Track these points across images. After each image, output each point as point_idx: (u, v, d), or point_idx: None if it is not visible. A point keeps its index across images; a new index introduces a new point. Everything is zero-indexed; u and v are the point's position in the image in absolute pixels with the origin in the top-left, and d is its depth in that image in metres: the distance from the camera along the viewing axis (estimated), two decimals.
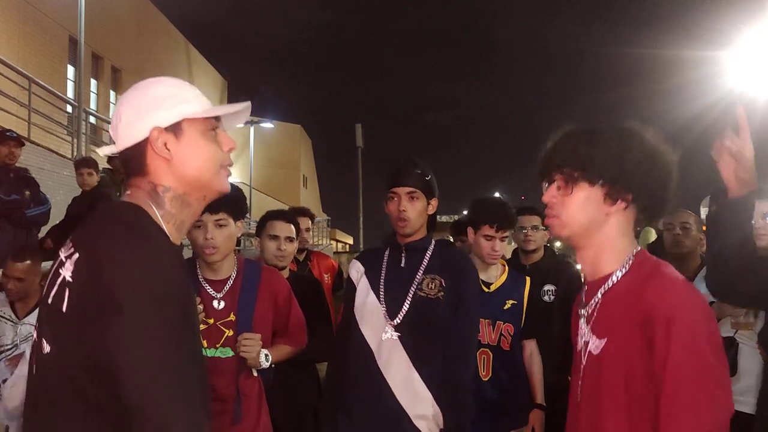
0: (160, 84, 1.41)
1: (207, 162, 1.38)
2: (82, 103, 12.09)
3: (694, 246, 3.49)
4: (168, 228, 1.36)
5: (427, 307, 2.44)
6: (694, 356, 1.27)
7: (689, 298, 1.33)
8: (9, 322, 3.67)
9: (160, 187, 1.36)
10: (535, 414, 3.11)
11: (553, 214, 1.51)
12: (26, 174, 5.50)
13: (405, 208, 2.48)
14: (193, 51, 25.84)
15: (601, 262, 1.48)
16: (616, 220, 1.46)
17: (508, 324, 3.11)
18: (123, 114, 1.36)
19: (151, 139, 1.33)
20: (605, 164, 1.43)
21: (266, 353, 2.41)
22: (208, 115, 1.39)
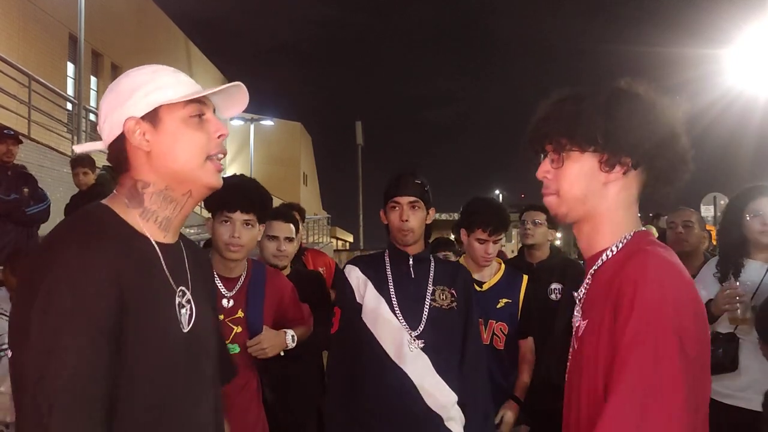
0: (136, 73, 1.32)
1: (189, 152, 1.29)
2: (82, 100, 12.13)
3: (697, 243, 3.51)
4: (149, 227, 1.29)
5: (443, 317, 2.49)
6: (649, 343, 1.12)
7: (666, 277, 1.19)
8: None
9: (140, 182, 1.29)
10: (510, 404, 3.01)
11: (548, 191, 1.39)
12: (24, 171, 5.49)
13: (408, 218, 2.48)
14: (193, 48, 25.81)
15: (596, 236, 1.35)
16: (616, 190, 1.32)
17: (501, 323, 3.10)
18: (102, 110, 1.31)
19: (126, 131, 1.27)
20: (593, 127, 1.28)
21: (292, 334, 2.49)
22: (185, 99, 1.29)
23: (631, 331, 1.14)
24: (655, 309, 1.14)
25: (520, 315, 3.15)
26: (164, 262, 1.28)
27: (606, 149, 1.29)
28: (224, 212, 2.35)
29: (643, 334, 1.13)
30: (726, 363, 2.74)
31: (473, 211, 3.15)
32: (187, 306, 1.31)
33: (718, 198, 12.69)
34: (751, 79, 17.63)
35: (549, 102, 1.40)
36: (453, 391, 2.45)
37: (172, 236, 1.34)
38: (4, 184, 5.21)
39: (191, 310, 1.32)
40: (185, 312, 1.30)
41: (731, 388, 2.77)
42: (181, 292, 1.30)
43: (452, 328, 2.50)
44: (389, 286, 2.52)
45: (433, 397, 2.41)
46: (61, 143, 11.56)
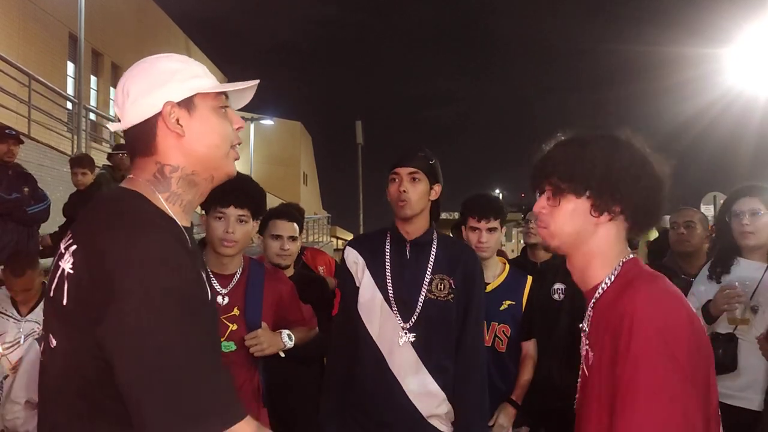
0: (168, 59, 1.36)
1: (218, 139, 1.35)
2: (82, 99, 12.11)
3: (700, 244, 3.50)
4: (174, 210, 1.32)
5: (438, 309, 2.40)
6: (651, 369, 1.23)
7: (659, 306, 1.29)
8: (11, 320, 3.68)
9: (168, 167, 1.31)
10: (505, 406, 2.92)
11: (542, 225, 1.50)
12: (23, 170, 5.49)
13: (406, 189, 2.38)
14: (193, 47, 25.80)
15: (589, 271, 1.47)
16: (606, 231, 1.44)
17: (504, 325, 3.05)
18: (131, 89, 1.31)
19: (164, 114, 1.29)
20: (591, 175, 1.40)
21: (288, 333, 2.45)
22: (219, 90, 1.36)
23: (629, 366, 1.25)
24: (653, 343, 1.24)
25: (523, 316, 3.10)
26: (190, 244, 1.33)
27: (599, 197, 1.41)
28: (218, 208, 2.35)
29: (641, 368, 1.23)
30: (725, 363, 2.74)
31: (464, 204, 3.17)
32: None
33: (718, 197, 12.67)
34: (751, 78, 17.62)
35: (553, 143, 1.52)
36: (441, 389, 2.39)
37: (189, 220, 1.38)
38: (5, 184, 5.22)
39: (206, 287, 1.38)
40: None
41: (731, 388, 2.77)
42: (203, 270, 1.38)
43: (446, 322, 2.41)
44: (386, 273, 2.44)
45: (418, 394, 2.36)
46: (61, 142, 11.56)
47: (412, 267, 2.44)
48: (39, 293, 3.77)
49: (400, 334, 2.37)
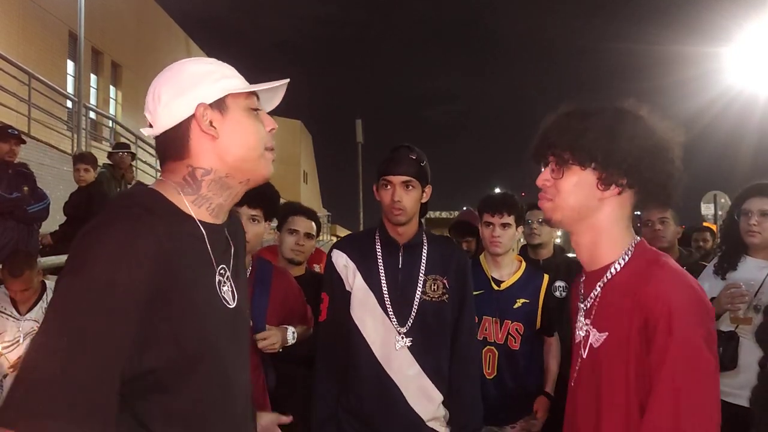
0: (197, 62, 1.35)
1: (252, 141, 1.32)
2: (82, 98, 12.10)
3: (673, 239, 3.59)
4: (200, 212, 1.30)
5: (433, 311, 2.39)
6: (694, 353, 1.23)
7: (691, 294, 1.28)
8: (10, 319, 3.69)
9: (200, 170, 1.29)
10: (540, 400, 3.08)
11: (545, 197, 1.45)
12: (24, 169, 5.51)
13: (400, 198, 2.35)
14: (193, 46, 25.78)
15: (598, 250, 1.42)
16: (611, 207, 1.40)
17: (518, 323, 3.05)
18: (162, 93, 1.29)
19: (197, 117, 1.27)
20: (596, 146, 1.35)
21: (293, 331, 2.46)
22: (251, 90, 1.33)
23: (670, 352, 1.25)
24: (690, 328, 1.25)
25: (541, 314, 3.11)
26: (208, 241, 1.30)
27: (605, 168, 1.36)
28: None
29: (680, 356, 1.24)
30: (725, 361, 2.75)
31: (480, 201, 3.19)
32: (227, 284, 1.34)
33: (719, 196, 12.69)
34: (751, 77, 17.63)
35: (556, 114, 1.46)
36: (439, 391, 2.39)
37: (220, 219, 1.36)
38: (5, 182, 5.24)
39: (232, 287, 1.35)
40: (227, 289, 1.33)
41: (730, 386, 2.78)
42: (222, 270, 1.33)
43: (442, 323, 2.40)
44: (380, 278, 2.40)
45: (417, 398, 2.35)
46: (61, 141, 11.56)
47: (406, 269, 2.41)
48: (38, 292, 3.78)
49: (396, 338, 2.34)
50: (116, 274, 1.10)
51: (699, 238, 6.08)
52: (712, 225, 9.68)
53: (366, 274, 2.41)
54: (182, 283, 1.20)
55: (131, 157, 7.43)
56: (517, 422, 3.08)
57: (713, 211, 12.59)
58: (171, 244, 1.19)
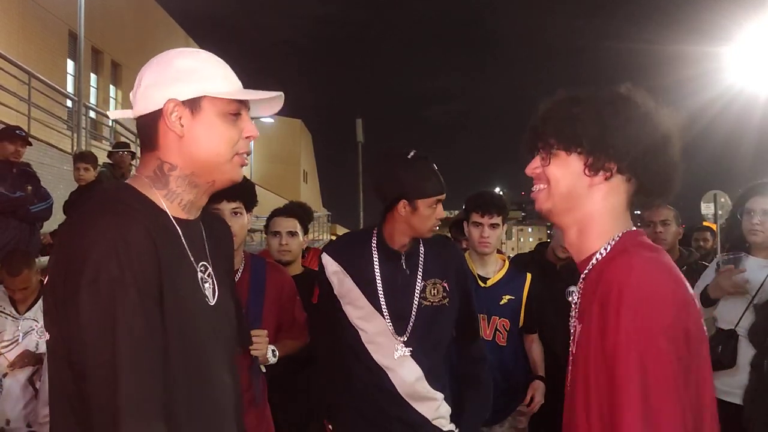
0: (189, 56, 1.35)
1: (220, 146, 1.31)
2: (82, 97, 12.10)
3: (674, 240, 3.61)
4: (172, 207, 1.31)
5: (434, 316, 2.35)
6: (643, 342, 1.13)
7: (649, 277, 1.19)
8: (9, 318, 3.69)
9: (167, 164, 1.30)
10: (536, 384, 3.15)
11: (538, 183, 1.40)
12: (27, 169, 5.52)
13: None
14: (193, 45, 25.79)
15: (584, 240, 1.36)
16: (601, 195, 1.33)
17: (504, 319, 3.11)
18: (144, 79, 1.31)
19: (164, 111, 1.28)
20: (582, 132, 1.30)
21: (273, 349, 2.40)
22: (231, 98, 1.32)
23: (619, 339, 1.15)
24: (640, 314, 1.15)
25: (524, 312, 3.17)
26: (184, 237, 1.30)
27: (591, 153, 1.31)
28: (211, 205, 2.35)
29: (631, 342, 1.14)
30: (724, 360, 2.75)
31: (468, 200, 3.21)
32: (209, 280, 1.34)
33: (719, 195, 12.66)
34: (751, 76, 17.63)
35: (548, 101, 1.41)
36: (441, 392, 2.37)
37: (194, 214, 1.37)
38: (9, 182, 5.25)
39: (213, 284, 1.35)
40: (208, 286, 1.33)
41: (730, 385, 2.78)
42: (202, 267, 1.33)
43: (442, 326, 2.37)
44: (378, 287, 2.33)
45: (422, 401, 2.34)
46: (61, 140, 11.56)
47: (404, 277, 2.35)
48: (37, 291, 3.78)
49: (396, 347, 2.30)
50: (126, 273, 1.12)
51: (699, 237, 6.08)
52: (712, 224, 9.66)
53: (361, 282, 2.34)
54: (169, 278, 1.21)
55: (131, 156, 7.42)
56: (504, 420, 3.12)
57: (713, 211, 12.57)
58: (156, 238, 1.21)
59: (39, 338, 3.66)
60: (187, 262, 1.29)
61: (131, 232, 1.16)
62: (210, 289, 1.33)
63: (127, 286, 1.12)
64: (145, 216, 1.23)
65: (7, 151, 5.28)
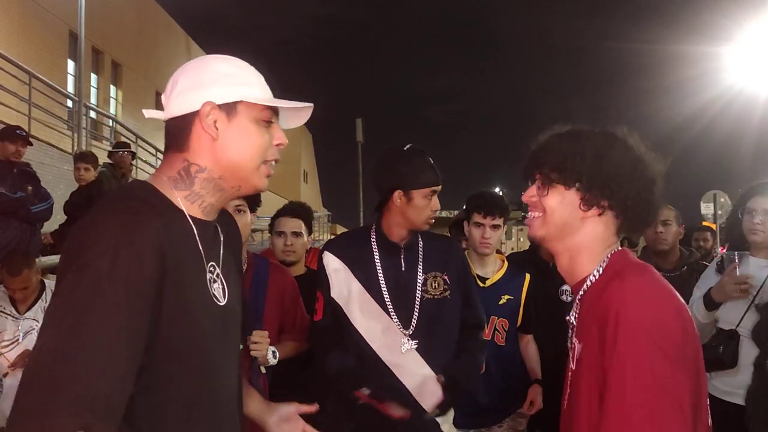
0: (225, 61, 1.36)
1: (252, 151, 1.32)
2: (83, 97, 12.11)
3: (675, 240, 3.59)
4: (191, 208, 1.31)
5: (436, 308, 2.37)
6: (639, 364, 1.21)
7: (646, 300, 1.27)
8: (9, 318, 3.70)
9: (195, 166, 1.31)
10: (534, 388, 3.15)
11: (533, 211, 1.49)
12: (27, 169, 5.53)
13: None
14: (194, 45, 25.78)
15: (576, 265, 1.46)
16: (593, 227, 1.43)
17: (503, 319, 3.12)
18: (180, 81, 1.32)
19: (201, 113, 1.29)
20: (581, 168, 1.40)
21: (273, 350, 2.41)
22: (267, 104, 1.33)
23: (617, 359, 1.23)
24: (637, 334, 1.23)
25: (522, 312, 3.18)
26: (198, 237, 1.31)
27: (588, 190, 1.40)
28: None
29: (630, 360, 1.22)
30: (726, 360, 2.75)
31: (469, 200, 3.21)
32: (218, 281, 1.35)
33: (719, 195, 12.68)
34: (751, 76, 17.64)
35: (548, 134, 1.51)
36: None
37: (212, 216, 1.38)
38: (9, 182, 5.26)
39: (223, 285, 1.36)
40: (217, 286, 1.34)
41: (731, 385, 2.78)
42: (211, 267, 1.33)
43: (447, 319, 2.39)
44: (379, 282, 2.35)
45: (429, 398, 2.32)
46: (61, 140, 11.57)
47: (405, 270, 2.38)
48: (37, 291, 3.79)
49: (402, 341, 2.31)
50: (118, 269, 1.11)
51: (699, 237, 6.08)
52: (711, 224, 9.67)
53: (364, 278, 2.35)
54: (175, 279, 1.20)
55: (131, 156, 7.43)
56: (503, 421, 3.12)
57: (713, 211, 12.58)
58: (167, 238, 1.20)
59: None
60: (199, 262, 1.30)
61: (137, 231, 1.16)
62: (219, 289, 1.34)
63: (115, 282, 1.10)
64: (159, 215, 1.23)
65: (8, 151, 5.29)
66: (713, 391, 2.88)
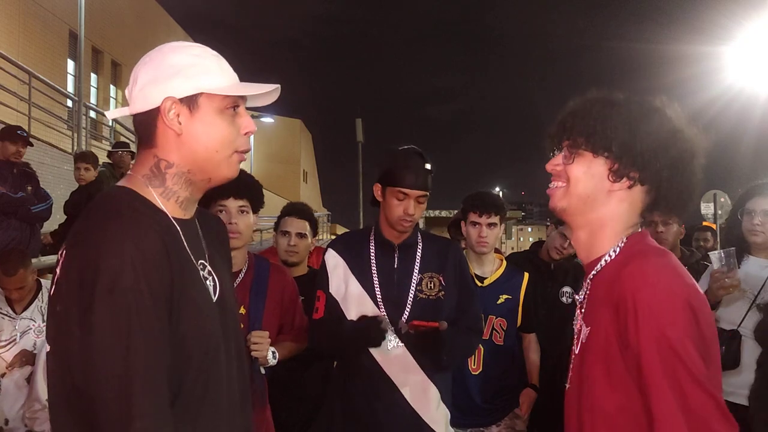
0: (183, 51, 1.31)
1: (219, 143, 1.30)
2: (82, 97, 12.09)
3: (676, 240, 3.58)
4: (169, 205, 1.30)
5: (430, 308, 2.38)
6: (663, 349, 1.16)
7: (660, 285, 1.20)
8: (6, 318, 3.70)
9: (164, 162, 1.29)
10: (527, 392, 3.15)
11: (556, 180, 1.40)
12: (27, 169, 5.52)
13: (414, 212, 2.34)
14: None
15: (595, 243, 1.37)
16: (619, 201, 1.34)
17: (501, 319, 3.12)
18: (139, 77, 1.30)
19: (162, 110, 1.27)
20: (612, 135, 1.30)
21: (273, 351, 2.40)
22: (228, 93, 1.30)
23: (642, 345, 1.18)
24: (658, 319, 1.18)
25: (522, 312, 3.18)
26: (183, 237, 1.30)
27: (618, 159, 1.31)
28: (218, 201, 2.35)
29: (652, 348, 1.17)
30: (728, 360, 2.75)
31: (465, 200, 3.22)
32: (209, 278, 1.35)
33: (719, 195, 12.66)
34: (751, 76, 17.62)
35: (581, 99, 1.41)
36: (437, 388, 2.39)
37: (189, 213, 1.37)
38: (10, 182, 5.26)
39: (214, 281, 1.36)
40: (210, 283, 1.34)
41: (733, 385, 2.78)
42: (201, 264, 1.33)
43: (439, 319, 2.36)
44: (373, 278, 2.39)
45: (416, 396, 2.35)
46: (61, 140, 11.56)
47: (400, 269, 2.42)
48: (33, 291, 3.79)
49: (389, 338, 2.33)
50: (141, 283, 1.13)
51: (700, 237, 6.07)
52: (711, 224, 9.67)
53: (359, 275, 2.41)
54: (179, 280, 1.21)
55: (131, 156, 7.42)
56: (501, 421, 3.12)
57: (713, 211, 12.57)
58: (166, 241, 1.21)
59: (36, 337, 3.67)
60: (189, 261, 1.30)
61: (145, 239, 1.17)
62: (211, 285, 1.34)
63: (143, 295, 1.13)
64: (153, 220, 1.24)
65: (9, 151, 5.29)
66: None
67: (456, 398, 2.69)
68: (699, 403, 1.15)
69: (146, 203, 1.27)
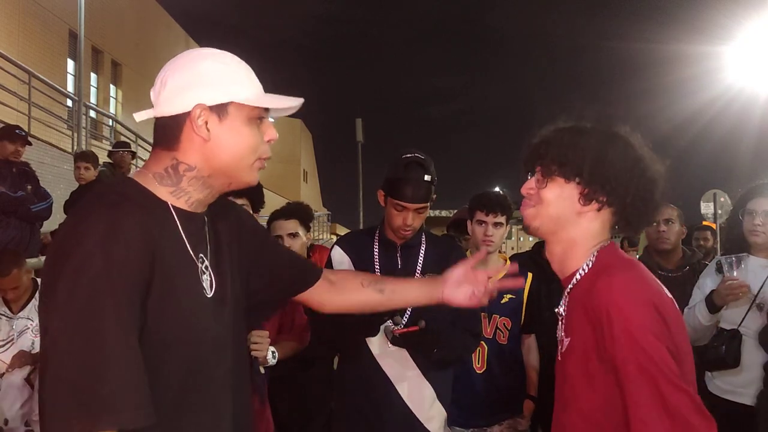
0: (214, 59, 1.33)
1: (244, 151, 1.33)
2: (82, 97, 12.09)
3: (677, 240, 3.57)
4: (178, 203, 1.31)
5: (430, 308, 2.33)
6: (639, 357, 1.26)
7: (629, 296, 1.31)
8: (3, 318, 3.70)
9: (183, 165, 1.30)
10: (526, 405, 3.15)
11: (528, 204, 1.51)
12: (26, 168, 5.53)
13: (412, 223, 2.38)
14: (193, 44, 25.78)
15: (567, 259, 1.48)
16: (588, 222, 1.45)
17: (505, 318, 3.12)
18: (168, 81, 1.30)
19: (191, 116, 1.28)
20: (582, 162, 1.41)
21: (273, 350, 2.42)
22: (260, 105, 1.33)
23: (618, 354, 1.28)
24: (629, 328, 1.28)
25: (524, 311, 3.18)
26: (182, 228, 1.30)
27: (588, 184, 1.42)
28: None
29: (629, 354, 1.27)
30: (728, 360, 2.75)
31: (472, 198, 3.22)
32: (206, 272, 1.34)
33: (718, 195, 12.67)
34: (751, 76, 17.63)
35: (551, 127, 1.52)
36: (432, 387, 2.41)
37: (200, 209, 1.37)
38: (9, 181, 5.27)
39: (211, 276, 1.35)
40: (206, 278, 1.34)
41: (733, 384, 2.79)
42: (200, 259, 1.33)
43: (440, 322, 2.39)
44: (375, 272, 2.43)
45: (413, 396, 2.38)
46: (61, 140, 11.56)
47: (402, 269, 2.45)
48: (30, 290, 3.79)
49: (390, 336, 2.36)
50: (112, 264, 1.12)
51: (700, 237, 6.07)
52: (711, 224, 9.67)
53: (361, 269, 2.42)
54: (162, 268, 1.21)
55: (131, 156, 7.43)
56: (503, 421, 3.12)
57: (713, 210, 12.57)
58: (151, 228, 1.21)
59: (34, 337, 3.67)
60: (185, 253, 1.30)
61: (122, 223, 1.17)
62: (207, 281, 1.34)
63: (113, 278, 1.12)
64: (141, 207, 1.24)
65: (7, 150, 5.29)
66: (716, 391, 2.88)
67: (460, 397, 2.69)
68: (674, 399, 1.23)
69: (144, 192, 1.28)
